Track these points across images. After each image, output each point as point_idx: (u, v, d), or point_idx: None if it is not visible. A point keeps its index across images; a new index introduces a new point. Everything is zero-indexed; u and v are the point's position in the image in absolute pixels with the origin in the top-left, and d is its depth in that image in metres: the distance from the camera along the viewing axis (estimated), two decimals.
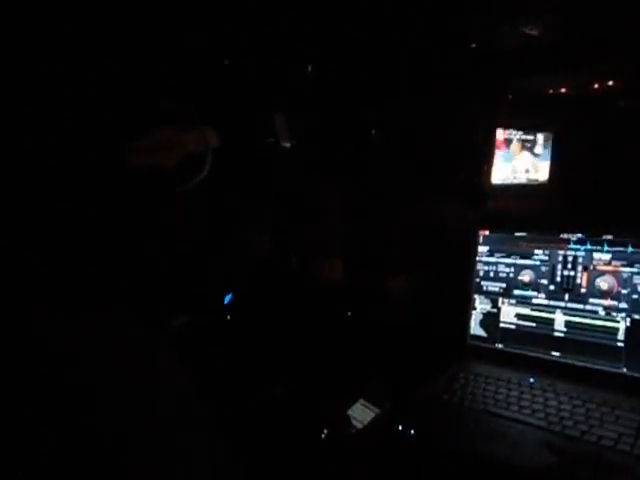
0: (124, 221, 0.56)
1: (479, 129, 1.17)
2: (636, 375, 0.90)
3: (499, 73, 1.11)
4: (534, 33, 1.00)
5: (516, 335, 1.05)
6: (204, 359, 0.88)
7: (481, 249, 1.12)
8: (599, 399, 0.87)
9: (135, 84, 0.56)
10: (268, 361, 1.01)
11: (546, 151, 1.16)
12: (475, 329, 1.10)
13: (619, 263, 0.96)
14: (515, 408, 0.88)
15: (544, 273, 1.03)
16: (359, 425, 0.90)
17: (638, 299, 0.93)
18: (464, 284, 1.11)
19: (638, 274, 0.93)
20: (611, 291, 0.96)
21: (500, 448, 0.79)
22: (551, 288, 1.02)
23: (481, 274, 1.11)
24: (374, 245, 1.19)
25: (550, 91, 1.13)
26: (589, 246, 0.99)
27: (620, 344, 0.93)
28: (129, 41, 0.56)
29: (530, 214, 1.11)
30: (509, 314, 1.06)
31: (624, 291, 0.94)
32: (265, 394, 0.96)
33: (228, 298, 0.95)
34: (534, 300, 1.04)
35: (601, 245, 0.98)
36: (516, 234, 1.08)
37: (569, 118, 1.12)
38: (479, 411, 0.89)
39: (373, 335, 1.11)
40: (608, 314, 0.95)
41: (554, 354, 0.99)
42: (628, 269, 0.94)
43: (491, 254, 1.10)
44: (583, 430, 0.80)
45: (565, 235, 1.02)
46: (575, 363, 0.97)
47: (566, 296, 1.00)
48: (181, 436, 0.49)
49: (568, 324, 0.99)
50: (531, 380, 0.95)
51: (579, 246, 1.00)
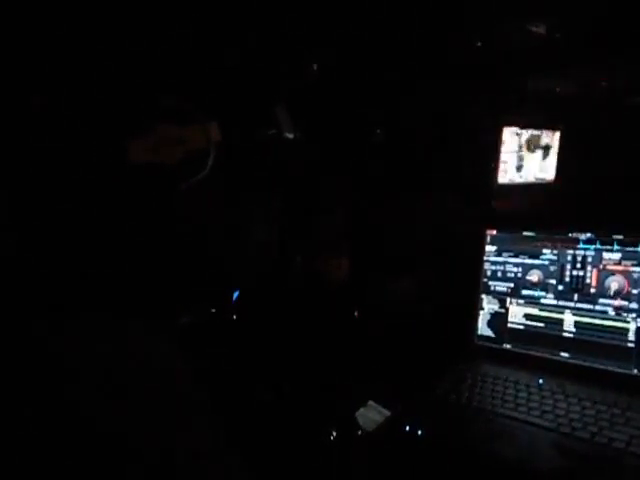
0: (126, 220, 0.56)
1: (485, 128, 1.16)
2: None
3: (505, 71, 1.10)
4: (541, 31, 0.99)
5: (524, 335, 1.04)
6: (210, 358, 0.88)
7: (488, 249, 1.10)
8: (609, 401, 0.85)
9: (135, 80, 0.55)
10: (274, 361, 1.01)
11: (554, 150, 1.16)
12: (483, 329, 1.09)
13: (629, 263, 0.94)
14: (524, 409, 0.87)
15: (553, 273, 1.02)
16: (370, 427, 0.89)
17: None
18: (471, 284, 1.11)
19: None
20: (621, 291, 0.94)
21: (509, 450, 0.78)
22: (560, 288, 1.01)
23: (488, 274, 1.10)
24: (381, 244, 1.19)
25: (558, 89, 1.13)
26: (599, 246, 0.98)
27: (630, 345, 0.92)
28: (129, 38, 0.56)
29: (538, 213, 1.10)
30: (517, 314, 1.05)
31: (634, 291, 0.93)
32: (271, 394, 0.96)
33: (235, 294, 0.94)
34: (543, 300, 1.03)
35: (611, 245, 0.97)
36: (524, 233, 1.07)
37: (577, 116, 1.11)
38: (487, 412, 0.88)
39: (380, 336, 1.10)
40: (618, 314, 0.94)
41: (563, 355, 0.98)
42: (638, 269, 0.93)
43: (499, 254, 1.09)
44: (593, 432, 0.79)
45: (574, 234, 1.01)
46: (585, 364, 0.95)
47: (575, 296, 0.99)
48: (182, 436, 0.48)
49: (577, 324, 0.98)
50: (540, 381, 0.94)
51: (588, 245, 0.99)
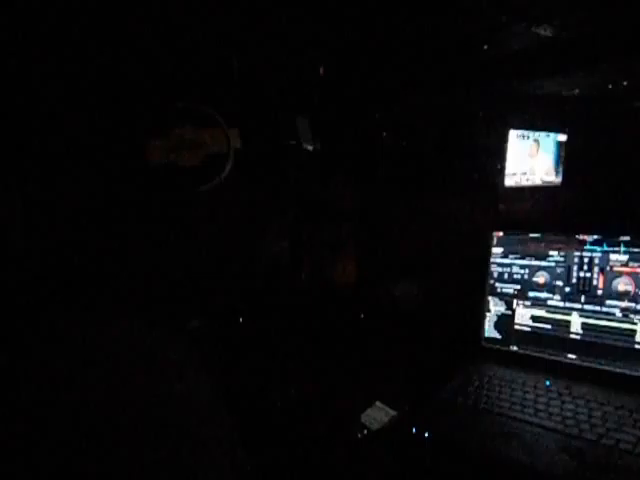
0: (145, 219, 0.57)
1: (492, 130, 1.16)
2: None
3: (512, 74, 1.11)
4: (547, 34, 0.99)
5: (531, 337, 1.04)
6: (218, 361, 0.89)
7: (495, 250, 1.11)
8: (616, 402, 0.86)
9: (159, 85, 0.57)
10: (282, 363, 1.01)
11: (561, 152, 1.16)
12: (490, 331, 1.09)
13: (636, 264, 0.94)
14: (531, 411, 0.87)
15: (560, 275, 1.02)
16: (376, 427, 0.90)
17: None
18: (478, 286, 1.11)
19: None
20: (628, 293, 0.94)
21: (516, 451, 0.79)
22: (567, 290, 1.01)
23: (495, 276, 1.10)
24: (388, 247, 1.19)
25: (564, 92, 1.13)
26: (606, 247, 0.98)
27: (637, 346, 0.92)
28: (152, 45, 0.57)
29: (545, 215, 1.10)
30: (524, 316, 1.06)
31: None
32: (279, 396, 0.96)
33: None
34: (549, 302, 1.03)
35: (618, 246, 0.97)
36: (531, 235, 1.07)
37: (583, 119, 1.11)
38: (494, 414, 0.88)
39: (387, 337, 1.10)
40: (625, 316, 0.94)
41: (570, 356, 0.98)
42: None
43: (505, 255, 1.09)
44: (600, 434, 0.79)
45: (581, 236, 1.01)
46: (592, 366, 0.96)
47: (582, 298, 0.99)
48: (198, 433, 0.49)
49: (584, 326, 0.98)
50: (547, 383, 0.94)
51: (595, 247, 0.99)
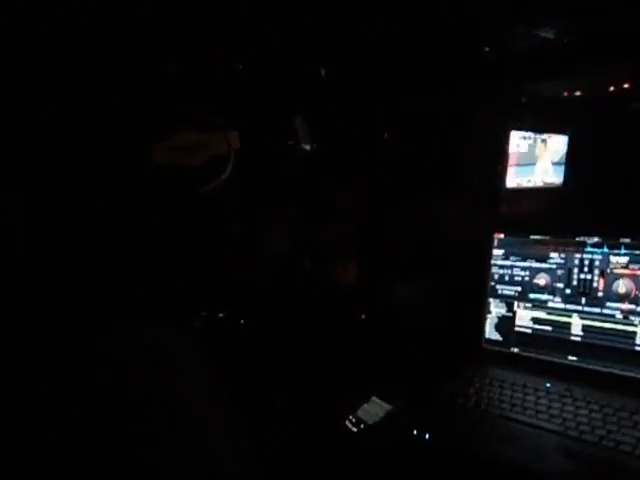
0: (147, 221, 0.57)
1: (493, 132, 1.16)
2: None
3: (514, 75, 1.11)
4: (549, 36, 0.99)
5: (532, 339, 1.04)
6: (219, 361, 0.89)
7: (496, 252, 1.11)
8: (617, 404, 0.86)
9: (161, 88, 0.57)
10: (282, 363, 1.01)
11: (562, 154, 1.16)
12: (490, 333, 1.09)
13: (637, 266, 0.94)
14: (531, 413, 0.87)
15: (560, 277, 1.03)
16: (372, 421, 0.90)
17: None
18: (479, 287, 1.11)
19: None
20: (629, 295, 0.94)
21: (517, 453, 0.79)
22: (567, 292, 1.01)
23: (496, 277, 1.10)
24: (389, 248, 1.19)
25: (565, 93, 1.13)
26: (606, 249, 0.98)
27: (638, 348, 0.92)
28: (156, 49, 0.58)
29: (546, 217, 1.10)
30: (525, 318, 1.06)
31: None
32: (278, 396, 0.97)
33: None
34: (550, 304, 1.03)
35: (618, 248, 0.97)
36: (531, 237, 1.07)
37: (584, 121, 1.11)
38: (495, 416, 0.88)
39: (387, 338, 1.10)
40: (626, 318, 0.94)
41: (571, 358, 0.98)
42: None
43: (506, 257, 1.09)
44: (601, 435, 0.79)
45: (581, 238, 1.01)
46: (592, 368, 0.95)
47: (583, 300, 0.99)
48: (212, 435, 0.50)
49: (585, 328, 0.98)
50: (547, 385, 0.94)
51: (596, 249, 0.99)
